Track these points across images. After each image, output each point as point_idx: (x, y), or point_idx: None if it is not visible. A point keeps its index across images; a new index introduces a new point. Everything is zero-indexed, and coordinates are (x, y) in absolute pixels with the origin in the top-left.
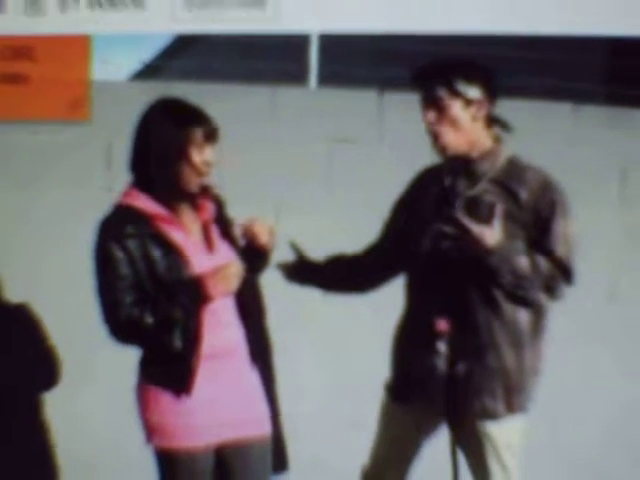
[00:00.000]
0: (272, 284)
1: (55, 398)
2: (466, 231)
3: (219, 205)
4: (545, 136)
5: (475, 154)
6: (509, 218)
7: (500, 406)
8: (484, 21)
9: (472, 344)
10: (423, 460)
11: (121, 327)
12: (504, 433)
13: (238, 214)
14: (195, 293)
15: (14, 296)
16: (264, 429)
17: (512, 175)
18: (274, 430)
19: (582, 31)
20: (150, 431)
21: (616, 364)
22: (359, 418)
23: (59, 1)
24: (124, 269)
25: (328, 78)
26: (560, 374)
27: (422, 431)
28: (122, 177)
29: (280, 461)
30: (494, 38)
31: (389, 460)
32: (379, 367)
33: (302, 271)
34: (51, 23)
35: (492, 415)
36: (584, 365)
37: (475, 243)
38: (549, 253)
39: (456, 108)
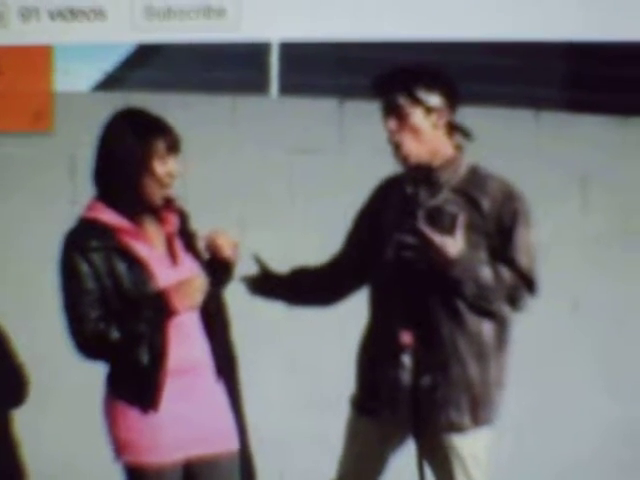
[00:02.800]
0: (236, 297)
1: (22, 414)
2: (428, 241)
3: (182, 217)
4: (507, 143)
5: (437, 163)
6: (471, 228)
7: (466, 419)
8: (444, 28)
9: (436, 357)
10: (390, 473)
11: (87, 342)
12: (470, 446)
13: (200, 227)
14: (160, 307)
15: None
16: (232, 444)
17: (474, 184)
18: (241, 445)
19: (543, 37)
20: (118, 447)
21: (581, 373)
22: (325, 432)
23: (21, 12)
24: (89, 283)
25: (289, 87)
26: (525, 385)
27: (389, 444)
28: (86, 189)
29: (248, 476)
30: (455, 45)
31: (357, 474)
32: (345, 379)
33: (266, 284)
34: (13, 34)
35: (458, 428)
36: (549, 375)
37: (437, 253)
38: (512, 263)
39: (417, 116)
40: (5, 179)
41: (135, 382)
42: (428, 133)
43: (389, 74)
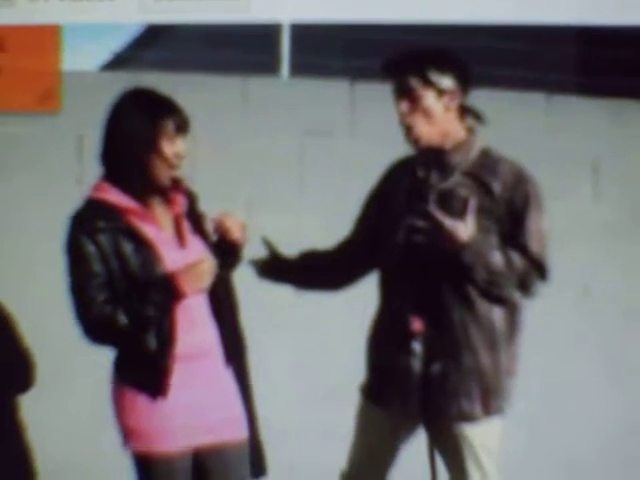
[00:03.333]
0: (244, 281)
1: (30, 400)
2: (439, 225)
3: (191, 199)
4: (518, 126)
5: (448, 146)
6: (482, 212)
7: (477, 408)
8: (457, 11)
9: (447, 344)
10: (402, 462)
11: (94, 326)
12: (481, 435)
13: (209, 208)
14: (167, 290)
15: None
16: (241, 433)
17: (485, 167)
18: (251, 433)
19: (555, 21)
20: (127, 434)
21: (593, 361)
22: (336, 421)
23: None
24: (96, 266)
25: (300, 68)
26: (537, 372)
27: (399, 433)
28: (93, 169)
29: (258, 465)
30: (467, 28)
31: (367, 463)
32: (355, 367)
33: (275, 268)
34: (21, 13)
35: (469, 417)
36: (560, 364)
37: (448, 237)
38: (523, 249)
39: (429, 98)
40: (12, 159)
41: (143, 368)
42: (440, 116)
43: (401, 56)
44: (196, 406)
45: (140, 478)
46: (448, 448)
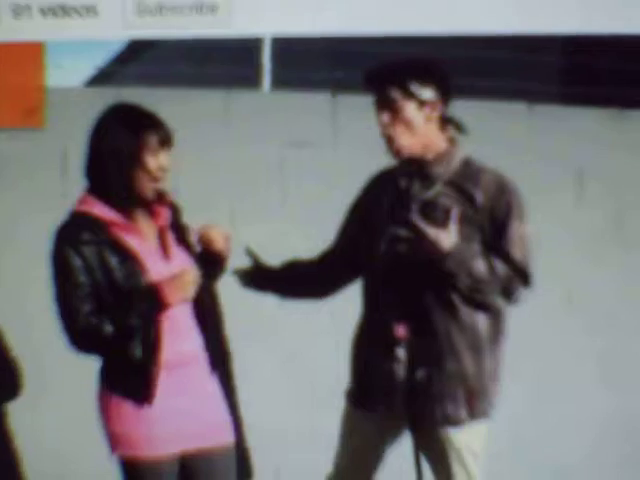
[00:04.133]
0: (229, 291)
1: (17, 409)
2: (422, 234)
3: (175, 211)
4: (500, 136)
5: (430, 156)
6: (465, 221)
7: (462, 412)
8: (437, 22)
9: (431, 350)
10: (387, 466)
11: (80, 336)
12: (467, 439)
13: (193, 220)
14: (152, 300)
15: None
16: (227, 437)
17: (467, 177)
18: (237, 439)
19: (536, 30)
20: (113, 441)
21: (577, 366)
22: (321, 425)
23: (12, 9)
24: (81, 277)
25: (281, 81)
26: (520, 377)
27: (385, 438)
28: (77, 184)
29: (244, 470)
30: (448, 39)
31: (353, 468)
32: (339, 373)
33: (258, 277)
34: (4, 30)
35: (454, 421)
36: (544, 368)
37: (431, 246)
38: (505, 256)
39: (410, 109)
40: None
41: (129, 376)
42: (421, 126)
43: (382, 68)
44: (182, 412)
45: None
46: (434, 452)
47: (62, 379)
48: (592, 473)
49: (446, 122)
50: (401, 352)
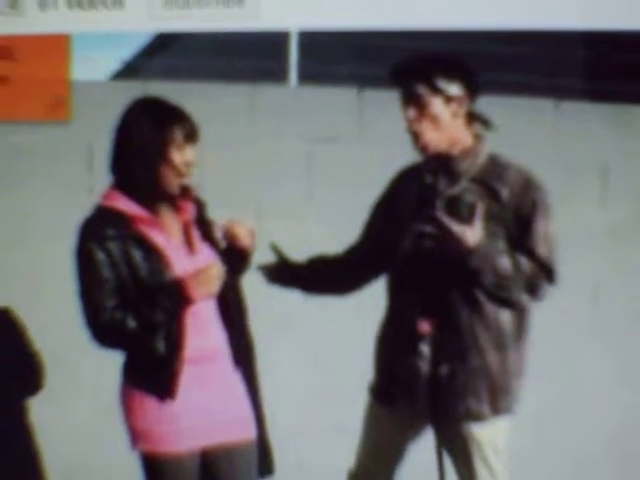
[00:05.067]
0: (253, 286)
1: (41, 403)
2: (447, 231)
3: (199, 206)
4: (527, 133)
5: (456, 152)
6: (490, 217)
7: (485, 408)
8: (465, 17)
9: (455, 346)
10: (410, 461)
11: (103, 331)
12: (489, 435)
13: (218, 215)
14: (177, 296)
15: None
16: (249, 433)
17: (493, 173)
18: (259, 434)
19: (564, 26)
20: (135, 436)
21: (601, 364)
22: (344, 421)
23: (38, 1)
24: (106, 272)
25: (308, 76)
26: (545, 375)
27: (407, 433)
28: (103, 178)
29: (266, 465)
30: (475, 34)
31: (375, 463)
32: (363, 369)
33: (283, 273)
34: (30, 23)
35: (477, 417)
36: (569, 365)
37: (456, 243)
38: (530, 253)
39: (436, 105)
40: (22, 168)
41: (152, 371)
42: (447, 122)
43: (408, 63)
44: (204, 407)
45: (149, 478)
46: (456, 447)
47: (84, 373)
48: (614, 470)
49: (473, 118)
50: (425, 348)
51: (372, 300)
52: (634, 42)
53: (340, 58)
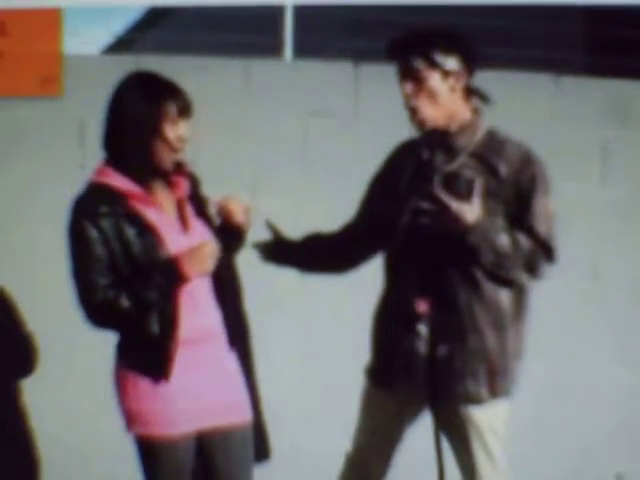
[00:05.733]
0: (248, 265)
1: (34, 385)
2: (444, 207)
3: (193, 182)
4: (525, 108)
5: (454, 127)
6: (488, 194)
7: (483, 390)
8: None
9: (453, 326)
10: (407, 445)
11: (96, 310)
12: (488, 418)
13: (212, 192)
14: (170, 274)
15: None
16: (245, 416)
17: (491, 149)
18: (255, 417)
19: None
20: (129, 418)
21: (601, 343)
22: (340, 404)
23: None
24: (99, 250)
25: (303, 50)
26: (543, 355)
27: (405, 416)
28: (95, 153)
29: (262, 449)
30: (472, 7)
31: (372, 446)
32: (359, 350)
33: (278, 251)
34: None
35: (475, 400)
36: (568, 345)
37: (454, 220)
38: (530, 230)
39: (434, 80)
40: (13, 143)
41: (146, 352)
42: (445, 97)
43: (405, 37)
44: (199, 389)
45: (143, 462)
46: (454, 430)
47: (78, 354)
48: (616, 451)
49: (470, 93)
50: (422, 328)
51: (369, 279)
52: (634, 16)
53: (336, 32)
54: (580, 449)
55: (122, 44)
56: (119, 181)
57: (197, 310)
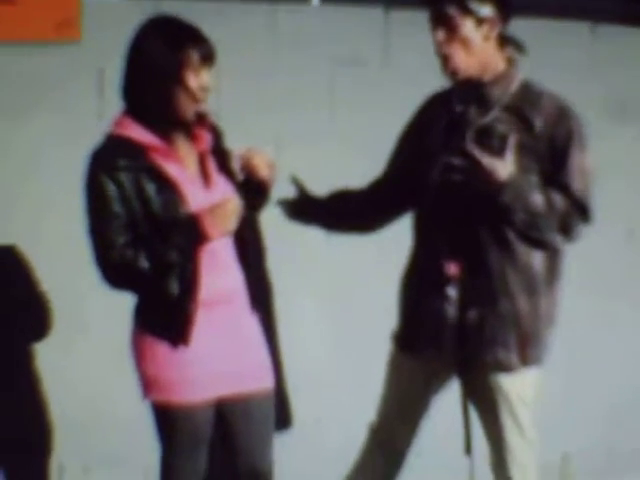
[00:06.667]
0: (272, 222)
1: (48, 347)
2: (477, 163)
3: (216, 135)
4: (561, 57)
5: (487, 78)
6: (522, 149)
7: (514, 358)
8: None
9: (484, 289)
10: (434, 414)
11: (113, 270)
12: (518, 387)
13: (235, 145)
14: (192, 232)
15: None
16: (267, 383)
17: (526, 101)
18: (277, 384)
19: None
20: (147, 385)
21: (634, 310)
22: (365, 371)
23: None
24: (117, 207)
25: None
26: (576, 321)
27: (432, 384)
28: (114, 103)
29: (284, 418)
30: None
31: (398, 415)
32: (387, 314)
33: (304, 208)
34: None
35: (505, 368)
36: (600, 313)
37: (486, 176)
38: (565, 188)
39: (467, 27)
40: (28, 93)
41: (165, 315)
42: (479, 45)
43: None
44: (219, 354)
45: (160, 429)
46: (482, 399)
47: (94, 317)
48: None
49: (505, 41)
50: (452, 291)
51: (398, 239)
52: None
53: None
54: (611, 419)
55: None
56: (139, 133)
57: (218, 271)
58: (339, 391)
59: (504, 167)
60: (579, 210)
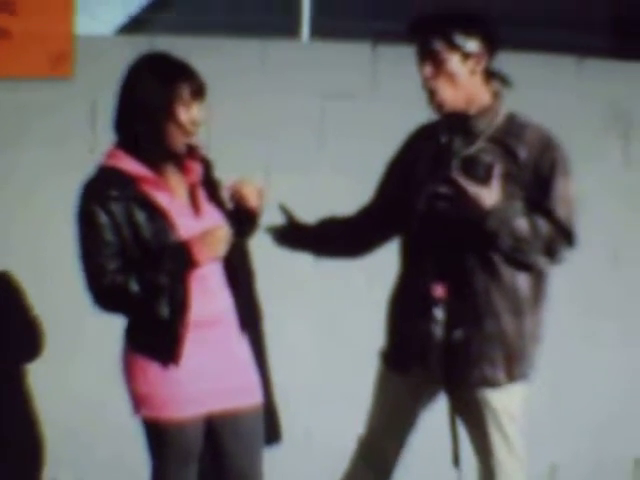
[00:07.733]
0: (261, 249)
1: (41, 368)
2: (463, 192)
3: (206, 166)
4: (547, 91)
5: (473, 111)
6: (508, 178)
7: (500, 374)
8: None
9: (470, 310)
10: (422, 429)
11: (105, 295)
12: (505, 401)
13: (226, 175)
14: (181, 258)
15: None
16: (255, 398)
17: (511, 133)
18: (266, 400)
19: None
20: (138, 402)
21: (618, 329)
22: (353, 387)
23: None
24: (108, 235)
25: (321, 31)
26: (562, 340)
27: (420, 400)
28: (106, 137)
29: (273, 432)
30: None
31: (386, 430)
32: (373, 334)
33: (292, 235)
34: None
35: (492, 383)
36: (586, 331)
37: (472, 204)
38: (549, 214)
39: (454, 62)
40: (23, 125)
41: (155, 336)
42: (465, 80)
43: (426, 18)
44: (209, 373)
45: (151, 445)
46: (470, 414)
47: (85, 338)
48: (635, 434)
49: (491, 75)
50: (439, 312)
51: (385, 263)
52: None
53: (354, 12)
54: (598, 432)
55: (135, 24)
56: (130, 165)
57: (208, 294)
58: (328, 406)
59: (489, 195)
60: (563, 235)
